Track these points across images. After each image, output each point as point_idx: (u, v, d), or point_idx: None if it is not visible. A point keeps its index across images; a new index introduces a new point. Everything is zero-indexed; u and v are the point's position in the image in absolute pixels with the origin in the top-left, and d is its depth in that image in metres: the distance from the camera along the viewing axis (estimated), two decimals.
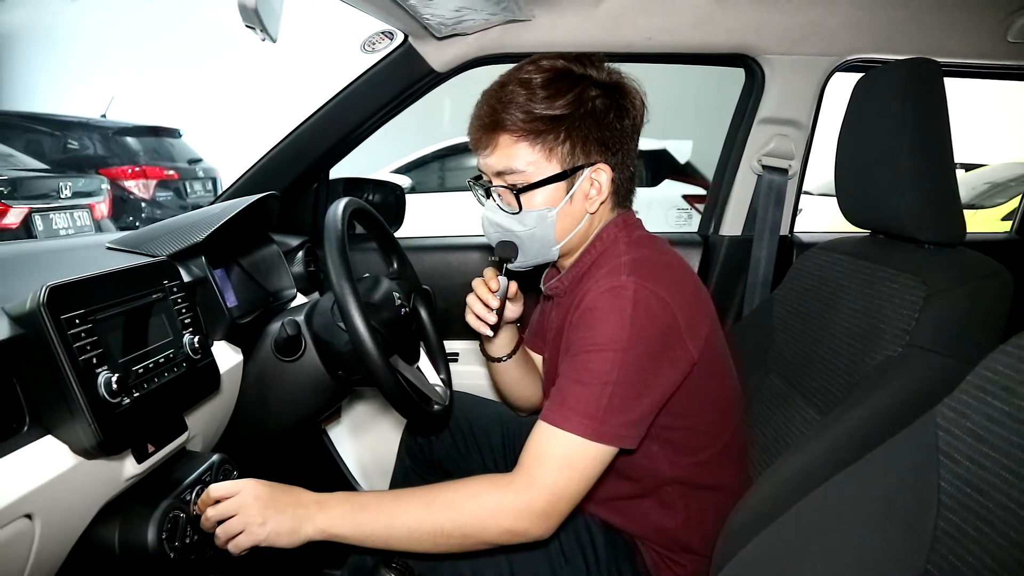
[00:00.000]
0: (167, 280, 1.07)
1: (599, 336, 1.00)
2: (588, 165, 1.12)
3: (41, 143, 6.58)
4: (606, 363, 0.98)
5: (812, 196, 5.00)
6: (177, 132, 7.31)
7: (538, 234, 1.15)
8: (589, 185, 1.13)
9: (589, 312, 1.02)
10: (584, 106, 1.09)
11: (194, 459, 1.13)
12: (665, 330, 1.01)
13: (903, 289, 1.06)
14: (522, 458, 1.02)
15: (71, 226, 5.10)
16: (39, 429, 0.86)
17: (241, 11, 0.95)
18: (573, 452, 0.98)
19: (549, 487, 0.98)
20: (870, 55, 1.69)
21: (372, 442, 2.00)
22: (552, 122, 1.08)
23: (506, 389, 1.48)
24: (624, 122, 1.13)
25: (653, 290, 1.01)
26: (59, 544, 0.90)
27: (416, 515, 1.00)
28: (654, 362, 1.01)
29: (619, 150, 1.13)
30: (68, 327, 0.85)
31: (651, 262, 1.08)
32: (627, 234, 1.16)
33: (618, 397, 0.98)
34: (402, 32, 1.63)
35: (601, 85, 1.11)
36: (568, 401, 1.00)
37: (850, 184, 1.25)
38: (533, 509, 0.98)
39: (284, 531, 1.00)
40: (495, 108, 1.10)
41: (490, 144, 1.12)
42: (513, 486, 0.99)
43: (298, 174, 1.77)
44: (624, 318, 0.99)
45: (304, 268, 1.72)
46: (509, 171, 1.11)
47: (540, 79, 1.09)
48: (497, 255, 1.19)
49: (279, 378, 1.36)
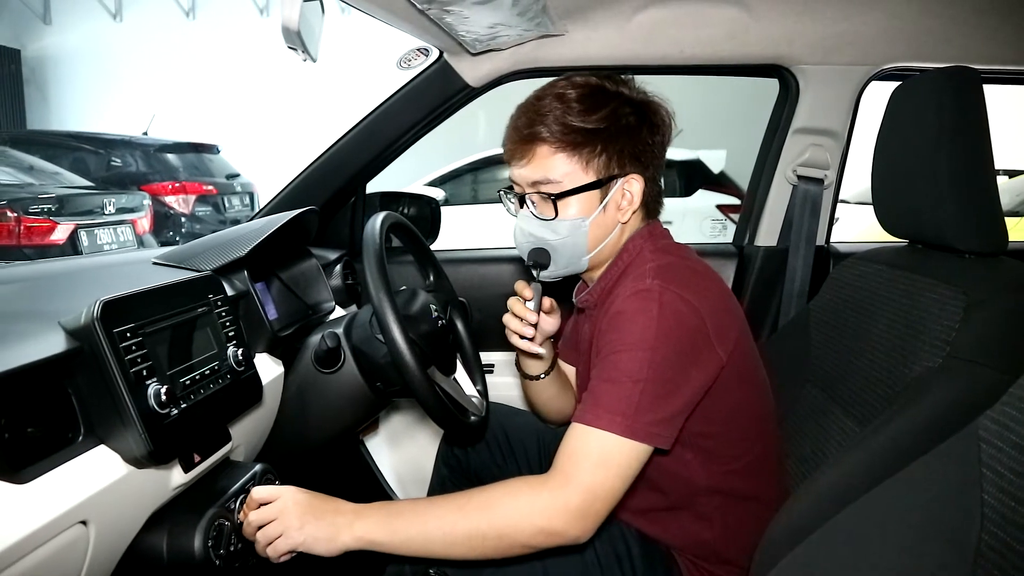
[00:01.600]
0: (212, 294, 1.10)
1: (627, 337, 1.01)
2: (622, 175, 1.14)
3: (86, 161, 6.76)
4: (635, 362, 0.99)
5: (849, 204, 4.93)
6: (215, 148, 7.46)
7: (571, 243, 1.17)
8: (621, 196, 1.16)
9: (617, 316, 1.04)
10: (619, 121, 1.12)
11: (238, 469, 1.16)
12: (692, 332, 1.02)
13: (943, 300, 1.05)
14: (556, 459, 1.02)
15: (115, 241, 5.23)
16: (93, 439, 0.89)
17: (284, 33, 0.98)
18: (607, 450, 0.99)
19: (585, 485, 0.98)
20: (907, 63, 1.68)
21: (409, 453, 2.01)
22: (589, 134, 1.11)
23: (540, 405, 1.48)
24: (655, 138, 1.16)
25: (679, 293, 1.02)
26: (111, 550, 0.92)
27: (451, 519, 1.01)
28: (682, 362, 1.01)
29: (650, 164, 1.16)
30: (120, 340, 0.88)
31: (676, 267, 1.10)
32: (653, 243, 1.18)
33: (649, 395, 0.99)
34: (437, 48, 1.65)
35: (633, 103, 1.14)
36: (600, 400, 1.01)
37: (887, 194, 1.24)
38: (569, 508, 0.98)
39: (322, 537, 1.01)
40: (533, 120, 1.12)
41: (527, 155, 1.14)
42: (548, 485, 1.00)
43: (336, 189, 1.81)
44: (651, 319, 1.00)
45: (342, 281, 1.74)
46: (545, 181, 1.13)
47: (575, 94, 1.12)
48: (531, 260, 1.21)
49: (319, 390, 1.38)
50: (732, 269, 1.90)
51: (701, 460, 1.13)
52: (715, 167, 5.78)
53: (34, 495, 0.77)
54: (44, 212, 4.75)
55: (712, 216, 5.25)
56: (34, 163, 5.77)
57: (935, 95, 1.10)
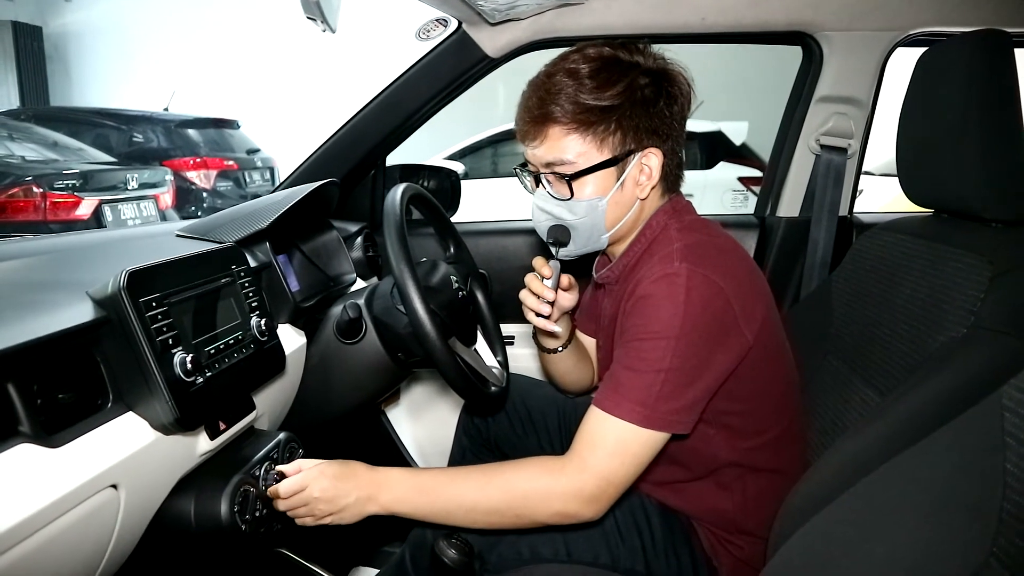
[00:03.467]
0: (235, 265, 1.12)
1: (652, 324, 1.01)
2: (639, 150, 1.11)
3: (109, 137, 6.81)
4: (659, 351, 0.99)
5: (874, 176, 4.85)
6: (236, 123, 7.48)
7: (588, 223, 1.15)
8: (639, 171, 1.13)
9: (643, 300, 1.03)
10: (634, 95, 1.08)
11: (262, 437, 1.18)
12: (719, 316, 1.02)
13: (968, 269, 1.04)
14: (575, 443, 1.04)
15: (138, 216, 5.28)
16: (121, 406, 0.91)
17: (304, 4, 0.98)
18: (624, 438, 1.01)
19: (600, 472, 1.01)
20: (934, 28, 1.64)
21: (430, 423, 2.03)
22: (603, 112, 1.07)
23: (557, 377, 1.49)
24: (673, 109, 1.12)
25: (706, 275, 1.01)
26: (141, 513, 0.95)
27: (472, 496, 1.05)
28: (708, 348, 1.01)
29: (668, 136, 1.13)
30: (146, 309, 0.89)
31: (703, 247, 1.07)
32: (678, 219, 1.15)
33: (670, 384, 0.99)
34: (456, 19, 1.64)
35: (650, 72, 1.10)
36: (621, 388, 1.02)
37: (912, 162, 1.22)
38: (583, 493, 1.01)
39: (348, 514, 1.08)
40: (543, 99, 1.09)
41: (539, 136, 1.11)
42: (566, 470, 1.02)
43: (356, 161, 1.81)
44: (677, 305, 0.99)
45: (363, 253, 1.75)
46: (559, 162, 1.11)
47: (588, 68, 1.08)
48: (550, 238, 1.19)
49: (341, 360, 1.40)
50: (754, 240, 1.88)
51: (724, 436, 1.13)
52: (737, 139, 5.70)
53: (67, 459, 0.79)
54: (69, 188, 4.80)
55: (733, 188, 5.20)
56: (58, 139, 5.83)
57: (964, 60, 1.08)
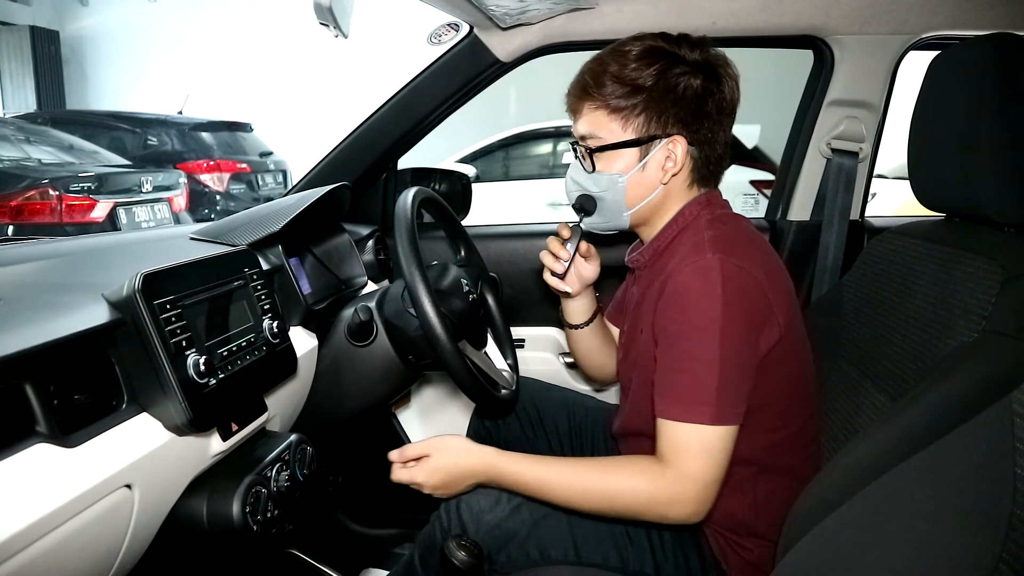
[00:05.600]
0: (248, 268, 1.13)
1: (694, 318, 1.03)
2: (664, 136, 1.15)
3: (124, 140, 6.87)
4: (705, 345, 1.02)
5: (886, 179, 4.82)
6: (249, 126, 7.53)
7: (609, 197, 1.20)
8: (664, 157, 1.16)
9: (680, 295, 1.05)
10: (666, 82, 1.12)
11: (274, 439, 1.18)
12: (756, 303, 1.05)
13: (979, 273, 1.03)
14: (661, 453, 1.06)
15: (152, 219, 5.32)
16: (136, 407, 0.92)
17: (316, 10, 0.99)
18: (703, 439, 1.03)
19: (694, 476, 1.03)
20: (946, 32, 1.63)
21: (441, 426, 2.04)
22: (631, 95, 1.13)
23: (581, 357, 1.51)
24: (707, 103, 1.14)
25: (739, 265, 1.04)
26: (154, 513, 0.96)
27: (578, 498, 1.09)
28: (751, 335, 1.05)
29: (700, 128, 1.15)
30: (160, 312, 0.90)
31: (735, 238, 1.11)
32: (710, 212, 1.18)
33: (725, 377, 1.02)
34: (467, 23, 1.65)
35: (690, 64, 1.13)
36: (681, 394, 1.04)
37: (925, 166, 1.22)
38: (685, 499, 1.03)
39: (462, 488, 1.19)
40: (584, 77, 1.17)
41: (576, 109, 1.20)
42: (664, 479, 1.04)
43: (368, 165, 1.82)
44: (715, 297, 1.01)
45: (374, 256, 1.76)
46: (590, 136, 1.18)
47: (632, 52, 1.14)
48: (577, 203, 1.25)
49: (352, 362, 1.41)
50: None
51: (743, 431, 1.13)
52: (749, 142, 5.69)
53: (82, 459, 0.80)
54: (84, 190, 4.84)
55: (745, 191, 5.18)
56: (74, 142, 5.88)
57: (977, 64, 1.07)
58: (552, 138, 6.50)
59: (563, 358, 2.00)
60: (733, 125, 1.21)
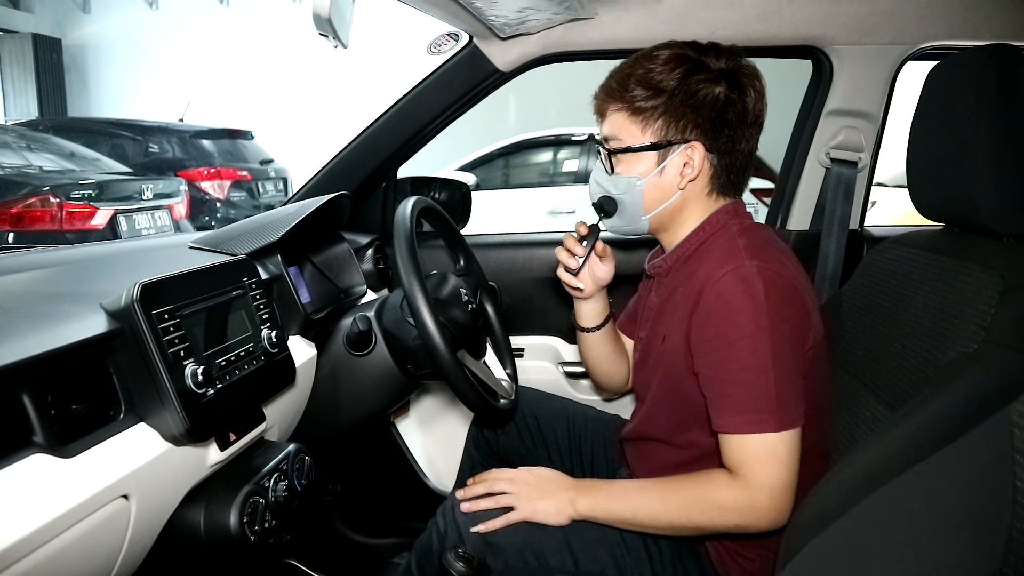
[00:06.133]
0: (246, 277, 1.13)
1: (742, 327, 1.03)
2: (682, 142, 1.15)
3: (125, 147, 6.88)
4: (758, 353, 1.02)
5: (886, 188, 4.83)
6: (249, 134, 7.54)
7: (627, 200, 1.20)
8: (683, 163, 1.16)
9: (722, 304, 1.05)
10: (687, 87, 1.12)
11: (272, 448, 1.18)
12: (797, 307, 1.07)
13: (979, 284, 1.03)
14: (730, 465, 1.07)
15: (152, 226, 5.32)
16: (133, 416, 0.92)
17: (315, 21, 0.99)
18: (770, 447, 1.03)
19: (766, 484, 1.03)
20: (945, 42, 1.64)
21: (440, 435, 2.04)
22: (652, 97, 1.14)
23: (591, 363, 1.50)
24: (728, 110, 1.14)
25: (779, 272, 1.05)
26: (151, 524, 0.96)
27: (654, 510, 1.11)
28: (797, 336, 1.07)
29: (719, 136, 1.15)
30: (159, 321, 0.90)
31: (769, 246, 1.12)
32: (739, 221, 1.19)
33: (781, 381, 1.03)
34: (467, 33, 1.65)
35: (713, 71, 1.13)
36: (740, 405, 1.04)
37: (923, 176, 1.22)
38: (758, 507, 1.04)
39: (551, 512, 1.15)
40: (610, 80, 1.19)
41: (602, 112, 1.22)
42: (734, 489, 1.05)
43: (367, 174, 1.82)
44: (759, 303, 1.02)
45: (373, 265, 1.76)
46: (612, 137, 1.19)
47: (661, 57, 1.15)
48: (597, 203, 1.26)
49: (350, 372, 1.41)
50: None
51: None
52: None
53: (79, 469, 0.80)
54: (85, 198, 4.84)
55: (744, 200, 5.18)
56: (75, 150, 5.89)
57: (975, 74, 1.08)
58: (552, 146, 6.51)
59: (562, 367, 1.99)
60: (757, 136, 1.20)
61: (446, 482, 1.97)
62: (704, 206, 1.20)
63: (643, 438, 1.30)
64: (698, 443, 1.17)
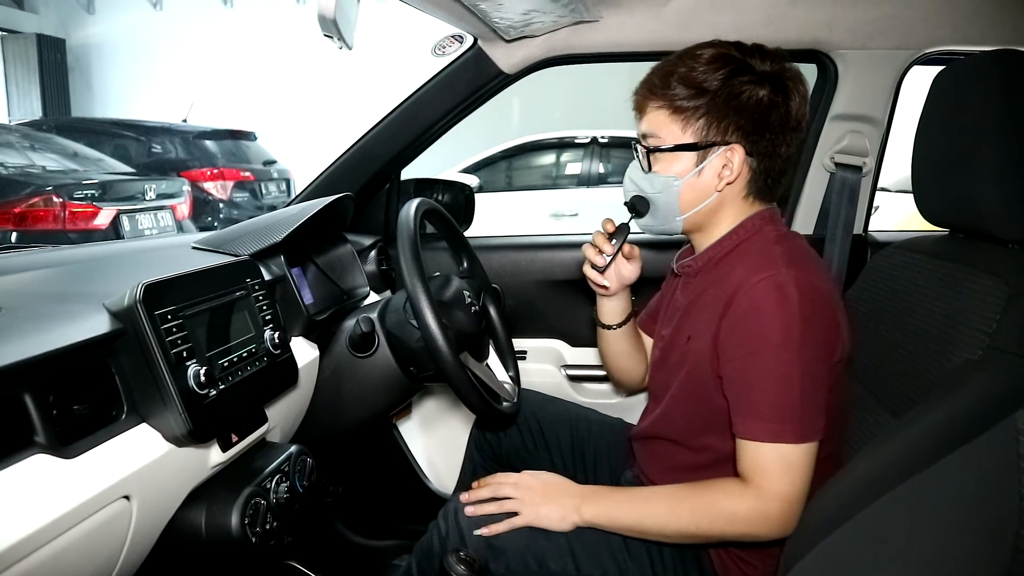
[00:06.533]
0: (250, 278, 1.12)
1: (772, 336, 1.02)
2: (723, 144, 1.13)
3: (128, 148, 6.90)
4: (785, 363, 1.02)
5: (890, 193, 4.82)
6: (253, 135, 7.56)
7: (663, 200, 1.18)
8: (721, 165, 1.14)
9: (754, 311, 1.04)
10: (730, 88, 1.11)
11: (274, 450, 1.18)
12: (829, 320, 1.06)
13: (984, 290, 1.03)
14: (743, 472, 1.06)
15: (155, 226, 5.32)
16: (135, 417, 0.91)
17: (320, 22, 0.99)
18: (786, 458, 1.02)
19: (778, 494, 1.02)
20: (951, 47, 1.63)
21: (442, 437, 2.03)
22: (694, 97, 1.12)
23: (610, 360, 1.50)
24: (770, 113, 1.12)
25: (814, 283, 1.04)
26: (152, 525, 0.95)
27: (663, 518, 1.10)
28: (826, 350, 1.05)
29: (760, 139, 1.13)
30: (162, 322, 0.90)
31: (806, 256, 1.11)
32: (775, 227, 1.17)
33: (806, 394, 1.02)
34: (471, 35, 1.65)
35: (758, 73, 1.12)
36: (763, 413, 1.03)
37: (928, 181, 1.21)
38: (769, 517, 1.03)
39: (555, 517, 1.14)
40: (652, 76, 1.17)
41: (641, 108, 1.20)
42: (745, 498, 1.04)
43: (371, 175, 1.82)
44: (792, 313, 1.01)
45: (376, 267, 1.76)
46: (650, 135, 1.17)
47: (705, 56, 1.13)
48: (629, 202, 1.24)
49: (353, 373, 1.40)
50: None
51: None
52: None
53: (81, 469, 0.80)
54: (88, 198, 4.85)
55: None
56: (79, 150, 5.90)
57: (981, 80, 1.07)
58: (555, 149, 6.52)
59: (565, 371, 1.99)
60: (798, 141, 1.19)
61: (447, 484, 1.96)
62: (740, 209, 1.19)
63: (656, 437, 1.29)
64: (713, 447, 1.16)
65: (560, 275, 1.94)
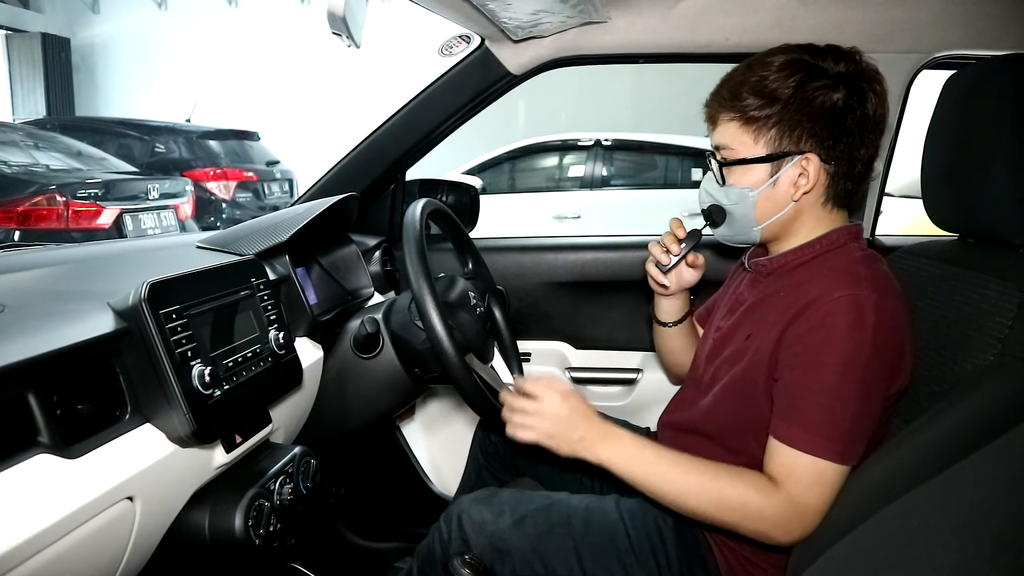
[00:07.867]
0: (254, 278, 1.12)
1: (840, 353, 1.01)
2: (797, 153, 1.11)
3: (131, 147, 6.90)
4: (846, 383, 1.01)
5: (893, 198, 4.81)
6: (256, 135, 7.56)
7: (739, 211, 1.17)
8: (797, 174, 1.12)
9: (829, 324, 1.03)
10: (803, 95, 1.08)
11: (277, 451, 1.17)
12: (897, 350, 1.04)
13: (996, 296, 1.02)
14: (774, 473, 1.05)
15: (158, 226, 5.33)
16: (139, 417, 0.91)
17: (329, 19, 0.98)
18: (821, 472, 1.01)
19: (804, 504, 1.02)
20: (962, 51, 1.62)
21: (445, 439, 2.03)
22: (766, 106, 1.09)
23: (665, 353, 1.51)
24: (847, 117, 1.09)
25: (892, 312, 1.03)
26: (156, 526, 0.95)
27: (683, 491, 1.08)
28: (887, 379, 1.04)
29: (836, 144, 1.10)
30: (166, 321, 0.90)
31: (890, 283, 1.09)
32: (860, 245, 1.15)
33: (857, 418, 1.01)
34: (479, 35, 1.65)
35: (832, 76, 1.09)
36: (812, 425, 1.02)
37: (938, 186, 1.20)
38: (790, 522, 1.02)
39: (565, 446, 1.13)
40: (722, 88, 1.15)
41: (713, 120, 1.18)
42: (774, 500, 1.03)
43: (376, 176, 1.81)
44: (866, 337, 1.00)
45: (381, 267, 1.76)
46: (723, 147, 1.15)
47: (776, 63, 1.10)
48: (706, 211, 1.23)
49: (357, 374, 1.40)
50: None
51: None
52: None
53: (84, 470, 0.79)
54: (91, 197, 4.85)
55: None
56: (82, 149, 5.90)
57: (993, 84, 1.06)
58: (558, 151, 6.52)
59: (569, 372, 1.98)
60: (879, 141, 1.15)
61: (450, 487, 1.95)
62: (818, 216, 1.16)
63: (694, 432, 1.26)
64: (748, 451, 1.14)
65: (565, 277, 1.93)
